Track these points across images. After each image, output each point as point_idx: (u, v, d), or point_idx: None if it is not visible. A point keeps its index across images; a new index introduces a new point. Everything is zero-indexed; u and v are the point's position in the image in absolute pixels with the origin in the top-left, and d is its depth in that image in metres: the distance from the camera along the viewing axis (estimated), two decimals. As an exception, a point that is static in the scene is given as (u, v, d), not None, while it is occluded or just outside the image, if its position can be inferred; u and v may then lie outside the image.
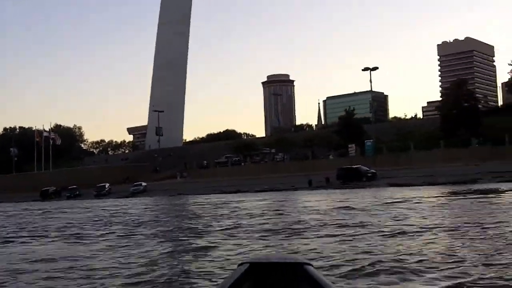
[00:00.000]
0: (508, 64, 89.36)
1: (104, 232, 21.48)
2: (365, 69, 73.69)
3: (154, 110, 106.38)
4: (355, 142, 78.56)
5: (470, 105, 76.02)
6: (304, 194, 47.21)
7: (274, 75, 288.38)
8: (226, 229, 19.53)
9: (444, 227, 16.68)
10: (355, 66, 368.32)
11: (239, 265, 2.65)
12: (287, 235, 16.75)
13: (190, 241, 16.64)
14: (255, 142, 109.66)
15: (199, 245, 15.44)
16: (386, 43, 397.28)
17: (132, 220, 27.23)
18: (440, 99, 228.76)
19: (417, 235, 14.88)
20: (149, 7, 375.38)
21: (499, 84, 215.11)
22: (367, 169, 58.21)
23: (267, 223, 21.18)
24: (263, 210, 28.90)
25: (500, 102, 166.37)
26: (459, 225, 16.70)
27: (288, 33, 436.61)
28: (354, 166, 58.99)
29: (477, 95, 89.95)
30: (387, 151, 72.39)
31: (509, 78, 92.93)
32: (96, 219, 30.06)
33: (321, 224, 19.32)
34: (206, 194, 58.48)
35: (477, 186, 39.75)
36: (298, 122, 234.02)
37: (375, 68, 74.03)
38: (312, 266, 2.58)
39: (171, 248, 15.42)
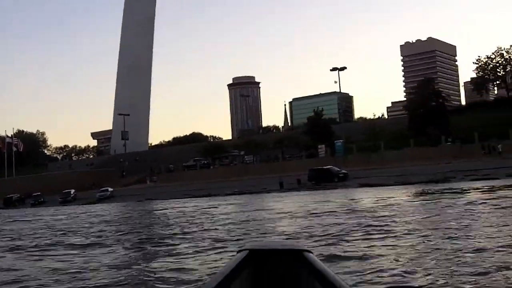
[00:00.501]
0: (473, 62, 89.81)
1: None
2: (334, 69, 73.35)
3: (120, 113, 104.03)
4: (324, 142, 78.23)
5: (437, 104, 76.41)
6: (275, 196, 46.26)
7: (239, 77, 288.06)
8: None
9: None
10: (320, 67, 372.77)
11: (238, 251, 2.62)
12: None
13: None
14: (224, 144, 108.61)
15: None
16: (351, 44, 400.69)
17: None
18: (405, 99, 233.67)
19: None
20: (113, 9, 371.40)
21: (461, 83, 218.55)
22: (339, 169, 57.72)
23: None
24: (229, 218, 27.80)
25: (463, 101, 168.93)
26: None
27: (254, 35, 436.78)
28: (326, 167, 58.43)
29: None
30: (357, 151, 72.01)
31: (472, 77, 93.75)
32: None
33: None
34: (175, 199, 57.17)
35: (451, 185, 39.44)
36: (264, 124, 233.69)
37: (343, 68, 73.81)
38: (312, 253, 2.56)
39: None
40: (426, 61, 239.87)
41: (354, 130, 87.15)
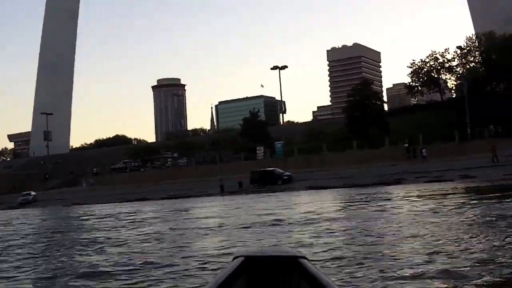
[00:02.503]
0: (407, 66, 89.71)
1: None
2: (274, 67, 70.92)
3: (42, 112, 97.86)
4: (261, 144, 75.83)
5: (376, 106, 75.60)
6: (217, 200, 43.09)
7: (164, 79, 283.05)
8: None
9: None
10: (247, 72, 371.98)
11: (234, 258, 2.56)
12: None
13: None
14: (154, 146, 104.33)
15: None
16: (278, 49, 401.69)
17: None
18: (330, 103, 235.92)
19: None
20: (34, 4, 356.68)
21: (384, 89, 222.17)
22: (282, 171, 55.09)
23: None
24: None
25: (386, 107, 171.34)
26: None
27: (180, 37, 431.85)
28: (269, 169, 55.64)
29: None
30: (298, 153, 69.63)
31: (408, 82, 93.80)
32: None
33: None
34: (106, 203, 52.95)
35: (412, 186, 37.57)
36: (190, 127, 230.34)
37: (284, 67, 71.51)
38: (307, 259, 2.53)
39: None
40: (352, 66, 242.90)
41: (291, 132, 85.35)
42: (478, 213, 18.08)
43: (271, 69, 71.10)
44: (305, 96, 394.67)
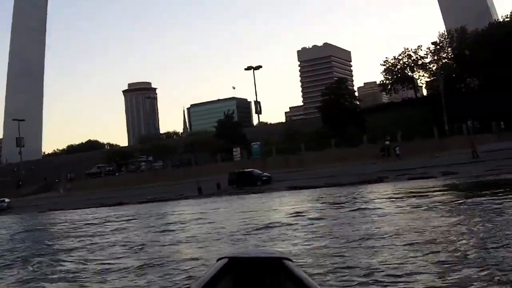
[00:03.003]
0: (381, 64, 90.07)
1: None
2: (248, 68, 70.12)
3: (14, 119, 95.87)
4: (237, 145, 75.12)
5: (351, 104, 75.45)
6: (193, 204, 42.14)
7: (135, 83, 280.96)
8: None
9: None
10: (218, 73, 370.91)
11: (218, 259, 2.57)
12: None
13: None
14: (128, 150, 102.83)
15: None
16: (248, 50, 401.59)
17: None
18: (302, 103, 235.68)
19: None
20: (1, 11, 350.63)
21: (355, 88, 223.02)
22: (261, 172, 54.35)
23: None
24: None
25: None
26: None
27: (150, 41, 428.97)
28: (247, 170, 54.81)
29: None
30: (276, 153, 68.98)
31: (381, 80, 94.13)
32: None
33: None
34: (82, 208, 51.79)
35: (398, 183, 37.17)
36: (162, 130, 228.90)
37: (258, 67, 70.70)
38: (291, 261, 2.54)
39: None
40: (322, 66, 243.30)
41: (266, 133, 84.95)
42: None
43: (245, 69, 70.40)
44: (277, 96, 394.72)
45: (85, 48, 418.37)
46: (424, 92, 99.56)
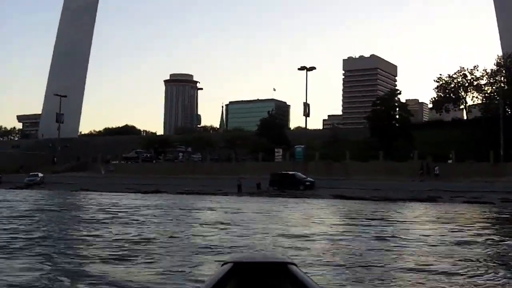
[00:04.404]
0: (434, 80, 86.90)
1: None
2: (302, 68, 68.36)
3: (56, 94, 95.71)
4: (279, 146, 73.35)
5: (402, 117, 72.97)
6: (239, 201, 40.58)
7: (177, 74, 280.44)
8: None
9: None
10: (260, 73, 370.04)
11: (223, 264, 2.56)
12: None
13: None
14: (168, 139, 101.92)
15: None
16: (293, 53, 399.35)
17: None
18: (342, 113, 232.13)
19: None
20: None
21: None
22: (304, 176, 52.38)
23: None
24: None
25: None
26: None
27: (195, 34, 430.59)
28: (290, 172, 52.98)
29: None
30: (319, 159, 66.82)
31: (433, 97, 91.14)
32: None
33: None
34: (117, 192, 50.70)
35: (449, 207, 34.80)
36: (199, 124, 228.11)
37: (312, 68, 68.85)
38: (296, 265, 2.53)
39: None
40: (367, 78, 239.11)
41: (308, 137, 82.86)
42: None
43: (299, 69, 68.56)
44: (317, 103, 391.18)
45: (132, 35, 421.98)
46: (474, 114, 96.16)
